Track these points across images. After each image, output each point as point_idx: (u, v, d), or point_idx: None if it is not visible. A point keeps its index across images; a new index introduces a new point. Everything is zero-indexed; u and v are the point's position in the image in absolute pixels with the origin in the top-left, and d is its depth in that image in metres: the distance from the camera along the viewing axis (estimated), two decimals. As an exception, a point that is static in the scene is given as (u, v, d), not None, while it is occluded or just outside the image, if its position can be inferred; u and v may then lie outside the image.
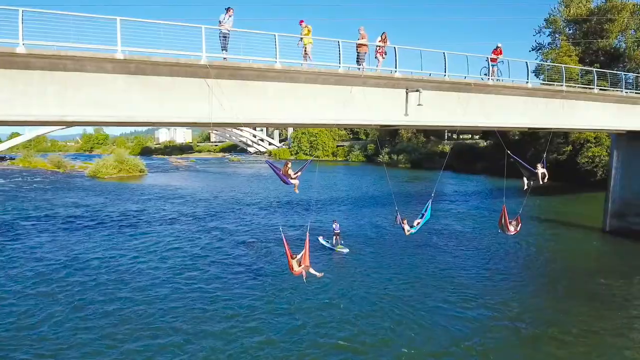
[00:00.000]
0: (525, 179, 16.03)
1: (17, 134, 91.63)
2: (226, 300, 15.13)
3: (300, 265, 12.44)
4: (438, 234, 25.79)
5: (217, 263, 19.43)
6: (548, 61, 49.81)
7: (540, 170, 15.45)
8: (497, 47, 16.44)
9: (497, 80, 16.74)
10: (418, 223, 15.01)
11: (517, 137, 56.08)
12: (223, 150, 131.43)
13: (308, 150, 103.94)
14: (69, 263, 19.51)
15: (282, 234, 12.77)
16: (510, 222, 15.90)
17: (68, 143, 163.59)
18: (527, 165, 15.56)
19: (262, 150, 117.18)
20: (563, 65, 17.81)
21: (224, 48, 12.12)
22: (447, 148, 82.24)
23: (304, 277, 12.60)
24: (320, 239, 21.93)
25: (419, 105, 14.69)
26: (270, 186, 51.22)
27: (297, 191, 13.35)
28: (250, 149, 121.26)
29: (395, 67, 14.43)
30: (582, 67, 19.52)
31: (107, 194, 43.92)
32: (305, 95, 13.76)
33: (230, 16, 12.01)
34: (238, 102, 12.79)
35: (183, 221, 29.40)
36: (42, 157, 77.61)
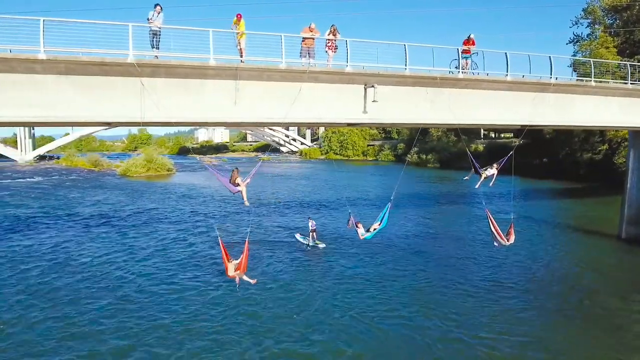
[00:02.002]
0: (471, 172, 15.38)
1: (69, 134, 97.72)
2: (193, 310, 14.32)
3: (235, 270, 12.14)
4: (442, 237, 24.35)
5: (199, 268, 18.82)
6: (584, 54, 46.23)
7: (489, 171, 14.47)
8: (469, 37, 15.15)
9: (471, 73, 15.47)
10: (375, 228, 14.17)
11: (549, 136, 52.60)
12: (257, 150, 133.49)
13: (338, 149, 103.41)
14: (67, 261, 19.81)
15: (219, 237, 12.38)
16: (505, 233, 14.83)
17: (115, 143, 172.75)
18: (477, 166, 14.75)
19: (294, 149, 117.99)
20: (550, 56, 16.11)
21: (155, 46, 11.92)
22: (481, 147, 78.86)
23: (237, 283, 12.23)
24: (297, 236, 21.91)
25: (373, 101, 13.82)
26: (285, 186, 51.24)
27: (246, 203, 12.71)
28: (282, 149, 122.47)
29: (347, 62, 13.64)
30: (578, 58, 17.54)
31: (130, 193, 45.57)
32: (250, 93, 13.29)
33: (159, 13, 11.80)
34: (175, 101, 12.58)
35: (190, 221, 29.54)
36: (83, 157, 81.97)
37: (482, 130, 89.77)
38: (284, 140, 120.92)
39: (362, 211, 32.57)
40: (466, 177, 16.21)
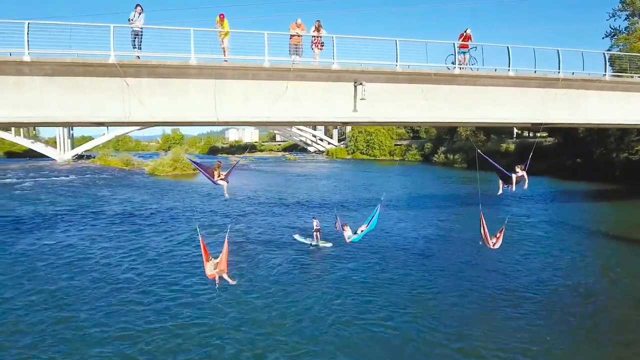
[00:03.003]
0: (500, 183, 13.98)
1: (104, 134, 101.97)
2: (190, 314, 13.84)
3: (215, 269, 12.01)
4: (458, 242, 22.57)
5: (192, 271, 18.06)
6: (620, 48, 43.47)
7: (519, 173, 13.20)
8: (465, 31, 14.39)
9: (470, 68, 14.73)
10: (362, 230, 13.78)
11: (582, 135, 49.87)
12: (285, 149, 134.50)
13: (365, 149, 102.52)
14: (77, 259, 19.80)
15: (200, 236, 12.33)
16: (492, 236, 13.86)
17: (150, 143, 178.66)
18: (501, 169, 13.49)
19: (321, 149, 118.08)
20: (559, 49, 15.07)
21: (137, 46, 12.04)
22: (512, 147, 75.89)
23: (217, 283, 12.05)
24: (296, 236, 21.49)
25: (362, 99, 13.39)
26: (305, 186, 51.10)
27: (227, 195, 12.94)
28: (310, 148, 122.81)
29: (334, 59, 13.29)
30: (591, 50, 16.21)
31: (155, 191, 46.59)
32: (235, 92, 13.22)
33: (140, 14, 11.90)
34: (159, 101, 12.68)
35: (206, 220, 29.63)
36: (116, 156, 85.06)
37: (514, 129, 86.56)
38: (311, 140, 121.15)
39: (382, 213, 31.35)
40: (499, 192, 13.79)
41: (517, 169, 13.68)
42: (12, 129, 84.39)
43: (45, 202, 38.77)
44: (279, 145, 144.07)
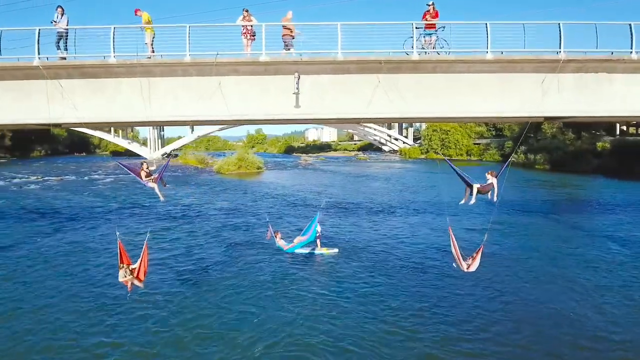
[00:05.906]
0: (466, 192, 11.79)
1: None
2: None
3: (129, 275, 11.27)
4: (500, 259, 17.28)
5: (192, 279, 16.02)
6: None
7: (488, 181, 11.03)
8: (428, 7, 11.95)
9: (437, 53, 12.33)
10: (300, 240, 12.35)
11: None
12: (360, 149, 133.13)
13: (439, 148, 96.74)
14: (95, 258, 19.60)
15: (118, 239, 11.83)
16: (466, 257, 11.51)
17: (237, 143, 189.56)
18: (463, 176, 11.49)
19: (395, 148, 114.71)
20: (560, 23, 11.80)
21: (63, 47, 12.07)
22: (608, 145, 65.28)
23: (129, 289, 11.52)
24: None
25: (294, 93, 11.95)
26: (359, 187, 49.18)
27: (162, 198, 12.59)
28: (384, 148, 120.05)
29: (263, 50, 12.02)
30: (597, 22, 12.29)
31: (209, 188, 48.76)
32: (165, 90, 12.69)
33: (62, 14, 11.90)
34: (92, 101, 12.65)
35: (236, 218, 29.21)
36: (195, 154, 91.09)
37: (617, 125, 74.62)
38: (385, 139, 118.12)
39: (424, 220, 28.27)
40: (463, 202, 11.65)
41: (487, 176, 11.46)
42: (112, 130, 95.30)
43: (109, 197, 42.28)
44: (355, 144, 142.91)
